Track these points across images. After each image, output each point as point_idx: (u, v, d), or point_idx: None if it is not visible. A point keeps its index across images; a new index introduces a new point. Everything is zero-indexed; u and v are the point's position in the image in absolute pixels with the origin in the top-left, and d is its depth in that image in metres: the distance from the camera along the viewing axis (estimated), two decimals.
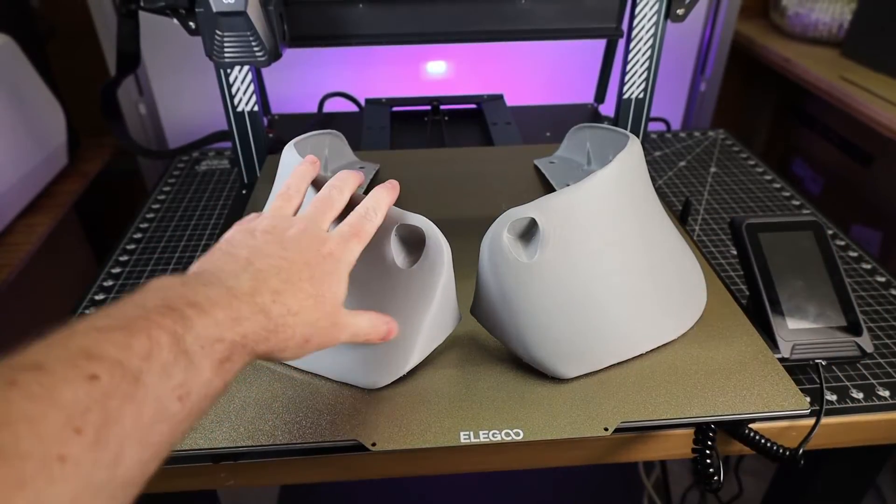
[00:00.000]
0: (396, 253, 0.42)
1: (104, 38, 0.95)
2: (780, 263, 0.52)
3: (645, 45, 0.62)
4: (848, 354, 0.49)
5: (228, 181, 0.86)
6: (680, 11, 0.60)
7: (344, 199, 0.40)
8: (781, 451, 0.45)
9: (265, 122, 0.76)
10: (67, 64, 1.01)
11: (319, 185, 0.41)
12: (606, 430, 0.40)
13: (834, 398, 0.51)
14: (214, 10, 0.50)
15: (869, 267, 0.67)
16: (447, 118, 0.90)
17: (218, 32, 0.52)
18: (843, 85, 0.97)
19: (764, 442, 0.45)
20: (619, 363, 0.45)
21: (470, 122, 0.89)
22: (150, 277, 0.66)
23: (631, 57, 0.63)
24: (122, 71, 0.66)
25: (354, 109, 0.95)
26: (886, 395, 0.51)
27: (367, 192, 0.63)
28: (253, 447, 0.39)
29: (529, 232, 0.42)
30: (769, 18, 1.21)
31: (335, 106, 0.94)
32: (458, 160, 0.71)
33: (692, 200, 0.78)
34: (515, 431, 0.40)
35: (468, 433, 0.39)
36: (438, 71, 1.04)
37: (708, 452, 0.44)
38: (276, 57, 0.55)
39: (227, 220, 0.64)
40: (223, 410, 0.41)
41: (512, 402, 0.42)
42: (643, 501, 1.05)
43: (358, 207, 0.39)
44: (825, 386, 0.50)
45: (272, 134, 0.78)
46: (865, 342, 0.49)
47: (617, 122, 0.68)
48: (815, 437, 0.45)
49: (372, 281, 0.41)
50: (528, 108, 0.94)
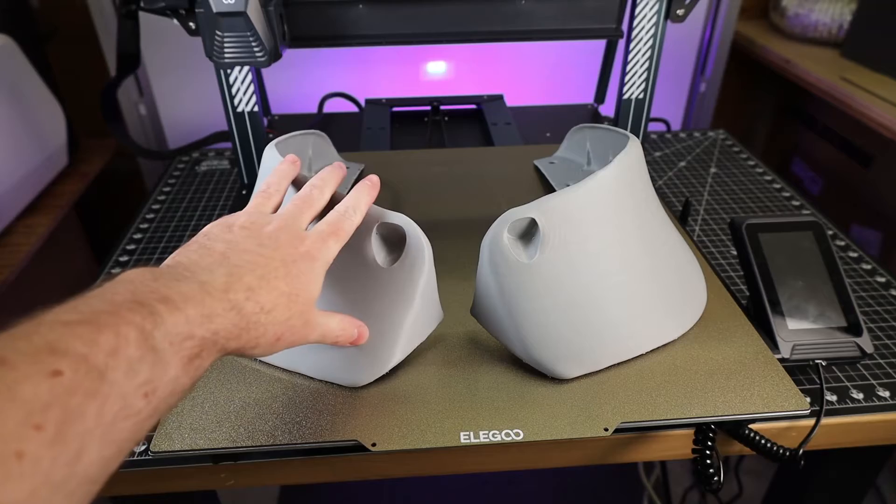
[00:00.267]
0: (377, 251, 0.42)
1: (104, 38, 0.95)
2: (780, 264, 0.52)
3: (645, 45, 0.62)
4: (848, 355, 0.49)
5: (228, 181, 0.86)
6: (680, 12, 0.60)
7: (324, 198, 0.40)
8: (781, 451, 0.45)
9: (265, 122, 0.76)
10: (67, 64, 1.01)
11: (301, 185, 0.41)
12: (606, 430, 0.40)
13: (834, 398, 0.51)
14: (214, 10, 0.50)
15: (869, 267, 0.67)
16: (447, 118, 0.90)
17: (218, 33, 0.52)
18: (843, 85, 0.97)
19: (764, 442, 0.45)
20: (619, 363, 0.45)
21: (470, 122, 0.89)
22: None
23: (631, 57, 0.63)
24: (122, 71, 0.66)
25: (354, 110, 0.95)
26: (886, 395, 0.51)
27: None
28: (253, 447, 0.39)
29: (529, 232, 0.42)
30: (769, 19, 1.21)
31: (335, 106, 0.94)
32: (458, 160, 0.72)
33: (692, 200, 0.78)
34: (515, 431, 0.40)
35: (468, 433, 0.40)
36: (438, 71, 1.04)
37: (708, 453, 0.44)
38: (276, 57, 0.55)
39: None
40: (223, 411, 0.41)
41: (512, 402, 0.42)
42: (643, 501, 1.05)
43: (338, 206, 0.39)
44: (825, 386, 0.50)
45: (272, 134, 0.77)
46: (865, 342, 0.49)
47: (617, 122, 0.68)
48: (815, 437, 0.45)
49: (353, 279, 0.41)
50: (528, 108, 0.94)
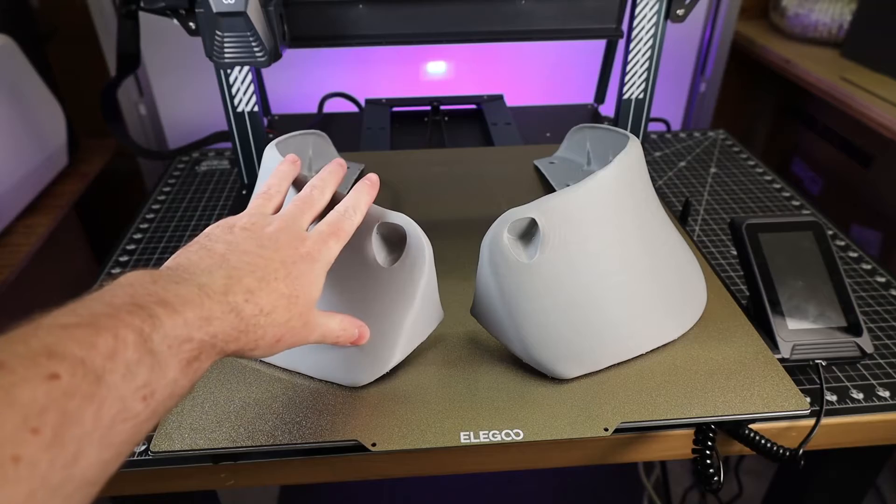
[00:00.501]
0: (378, 251, 0.42)
1: (104, 38, 0.95)
2: (780, 264, 0.52)
3: (645, 45, 0.62)
4: (848, 355, 0.49)
5: (228, 181, 0.86)
6: (680, 12, 0.60)
7: (325, 198, 0.39)
8: (781, 451, 0.45)
9: (265, 122, 0.76)
10: (67, 64, 1.01)
11: (302, 185, 0.41)
12: (606, 430, 0.40)
13: (834, 398, 0.51)
14: (214, 10, 0.50)
15: (869, 267, 0.67)
16: (447, 118, 0.90)
17: (218, 33, 0.52)
18: (843, 85, 0.97)
19: (764, 442, 0.45)
20: (619, 363, 0.45)
21: (470, 122, 0.89)
22: None
23: (631, 57, 0.63)
24: (122, 71, 0.66)
25: (354, 110, 0.95)
26: (886, 395, 0.51)
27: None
28: (253, 447, 0.39)
29: (529, 232, 0.42)
30: (769, 19, 1.21)
31: (335, 106, 0.94)
32: (458, 160, 0.72)
33: (692, 200, 0.78)
34: (515, 431, 0.40)
35: (468, 433, 0.40)
36: (438, 71, 1.04)
37: (708, 453, 0.44)
38: (276, 57, 0.55)
39: None
40: (223, 411, 0.41)
41: (512, 402, 0.42)
42: (643, 501, 1.05)
43: (338, 206, 0.39)
44: (825, 386, 0.50)
45: (272, 134, 0.77)
46: (865, 342, 0.49)
47: (617, 122, 0.68)
48: (815, 437, 0.45)
49: (353, 279, 0.41)
50: (528, 108, 0.94)
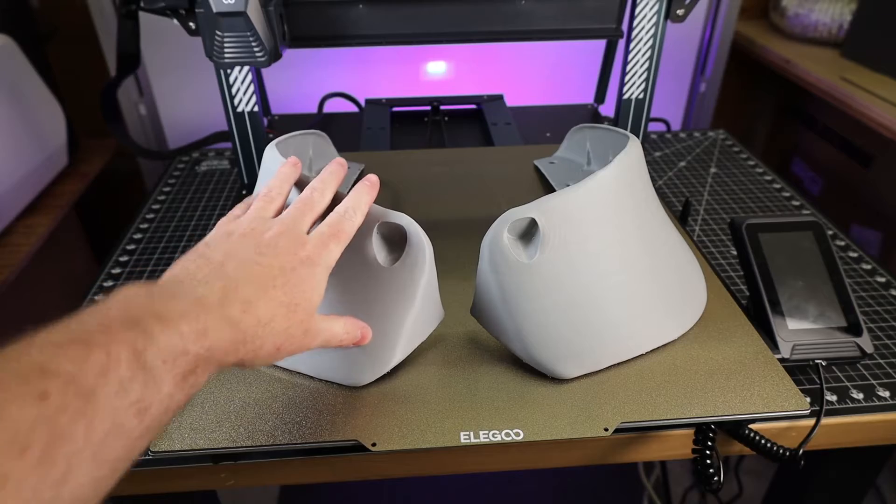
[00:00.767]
0: (378, 251, 0.41)
1: (104, 38, 0.95)
2: (780, 264, 0.52)
3: (645, 45, 0.62)
4: (848, 355, 0.49)
5: (228, 181, 0.86)
6: (680, 12, 0.60)
7: (325, 200, 0.39)
8: (781, 451, 0.45)
9: (265, 122, 0.76)
10: (67, 64, 1.01)
11: (303, 185, 0.41)
12: (606, 430, 0.40)
13: (834, 398, 0.51)
14: (214, 10, 0.50)
15: (869, 267, 0.67)
16: (447, 118, 0.90)
17: (218, 33, 0.52)
18: (843, 85, 0.97)
19: (764, 442, 0.45)
20: (619, 363, 0.45)
21: (470, 122, 0.89)
22: (150, 278, 0.66)
23: (631, 57, 0.63)
24: (122, 72, 0.66)
25: (354, 110, 0.95)
26: (886, 395, 0.51)
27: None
28: (253, 447, 0.39)
29: (529, 232, 0.42)
30: (769, 19, 1.21)
31: (335, 106, 0.94)
32: (458, 160, 0.72)
33: (692, 200, 0.78)
34: (515, 431, 0.40)
35: (468, 433, 0.40)
36: (438, 71, 1.04)
37: (708, 453, 0.44)
38: (276, 57, 0.55)
39: None
40: (223, 410, 0.41)
41: (512, 402, 0.42)
42: (643, 501, 1.05)
43: (338, 207, 0.38)
44: (825, 386, 0.50)
45: (272, 134, 0.77)
46: (865, 342, 0.49)
47: (617, 122, 0.68)
48: (815, 437, 0.45)
49: (354, 279, 0.41)
50: (528, 108, 0.94)
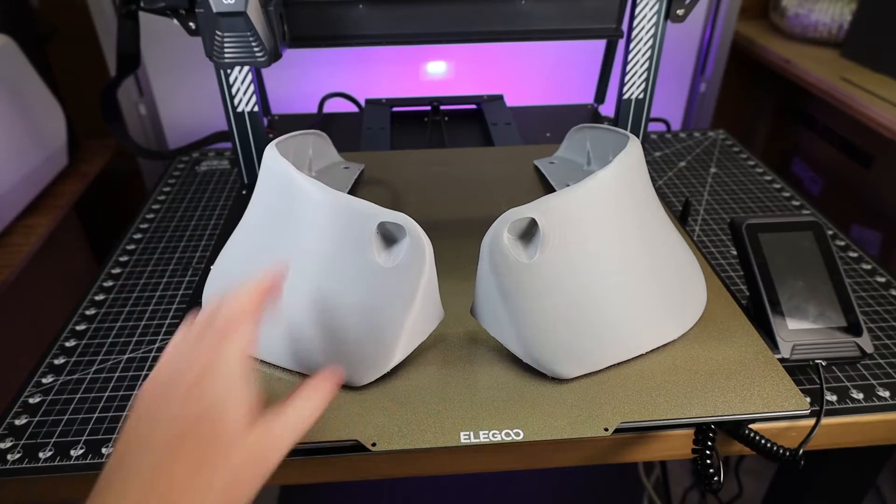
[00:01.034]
0: (378, 251, 0.41)
1: (104, 38, 0.95)
2: (780, 264, 0.52)
3: (645, 45, 0.62)
4: (848, 355, 0.49)
5: (228, 181, 0.86)
6: (680, 12, 0.60)
7: (245, 337, 0.32)
8: (781, 451, 0.45)
9: (265, 122, 0.76)
10: (67, 64, 1.01)
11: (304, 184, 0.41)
12: (606, 430, 0.40)
13: (834, 398, 0.51)
14: (214, 10, 0.50)
15: (869, 267, 0.67)
16: (447, 118, 0.90)
17: (218, 33, 0.52)
18: (843, 85, 0.97)
19: (764, 442, 0.45)
20: (619, 363, 0.45)
21: (470, 122, 0.89)
22: (150, 278, 0.66)
23: (631, 57, 0.63)
24: (122, 72, 0.66)
25: (354, 110, 0.95)
26: (886, 395, 0.51)
27: (352, 193, 0.63)
28: None
29: (529, 232, 0.42)
30: (769, 19, 1.21)
31: (335, 106, 0.94)
32: (458, 160, 0.72)
33: (692, 200, 0.78)
34: (515, 431, 0.40)
35: (468, 433, 0.39)
36: (438, 71, 1.04)
37: (708, 453, 0.44)
38: (276, 57, 0.55)
39: (226, 220, 0.64)
40: None
41: (512, 402, 0.42)
42: (643, 501, 1.05)
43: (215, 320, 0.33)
44: (825, 386, 0.50)
45: (272, 134, 0.77)
46: (865, 343, 0.49)
47: (617, 122, 0.68)
48: (815, 437, 0.45)
49: (353, 279, 0.41)
50: (528, 108, 0.94)
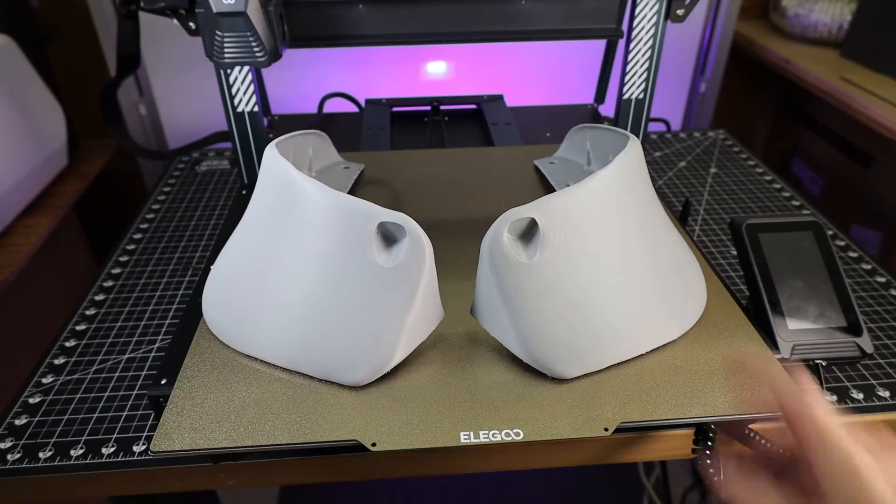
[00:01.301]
0: (378, 251, 0.41)
1: (104, 38, 0.95)
2: (780, 264, 0.52)
3: (645, 45, 0.62)
4: (848, 355, 0.49)
5: (228, 181, 0.86)
6: (680, 12, 0.60)
7: None
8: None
9: (265, 122, 0.76)
10: (67, 64, 1.01)
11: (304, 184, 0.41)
12: (606, 430, 0.40)
13: (834, 398, 0.51)
14: (214, 10, 0.50)
15: (869, 267, 0.67)
16: (447, 118, 0.90)
17: (218, 33, 0.52)
18: (843, 85, 0.97)
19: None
20: (619, 363, 0.45)
21: (470, 122, 0.89)
22: (150, 278, 0.66)
23: (631, 57, 0.63)
24: (122, 72, 0.66)
25: (354, 110, 0.95)
26: (886, 395, 0.51)
27: (352, 193, 0.63)
28: (253, 447, 0.39)
29: (529, 232, 0.42)
30: (769, 19, 1.21)
31: (335, 106, 0.94)
32: (458, 160, 0.71)
33: (692, 201, 0.78)
34: (515, 431, 0.40)
35: (468, 433, 0.39)
36: (438, 71, 1.04)
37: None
38: (276, 57, 0.55)
39: (226, 220, 0.64)
40: (223, 410, 0.41)
41: (512, 402, 0.42)
42: (643, 501, 1.05)
43: None
44: (825, 386, 0.50)
45: (272, 134, 0.77)
46: (865, 342, 0.49)
47: (617, 122, 0.68)
48: None
49: (353, 279, 0.41)
50: (528, 108, 0.94)
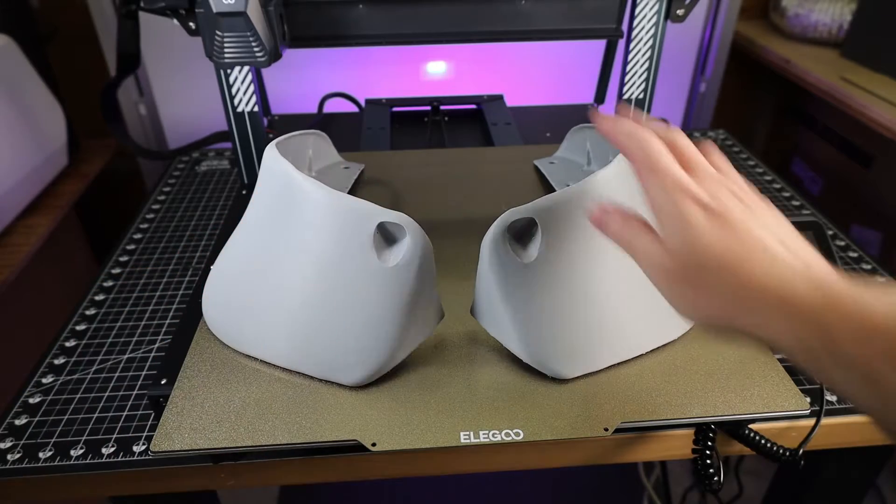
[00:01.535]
0: (379, 251, 0.41)
1: (104, 38, 0.95)
2: None
3: (645, 45, 0.62)
4: None
5: (228, 181, 0.86)
6: (680, 12, 0.60)
7: None
8: (781, 451, 0.45)
9: (265, 122, 0.76)
10: (67, 64, 1.01)
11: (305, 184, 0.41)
12: (606, 430, 0.40)
13: (834, 398, 0.51)
14: (214, 10, 0.50)
15: (869, 267, 0.67)
16: (447, 118, 0.90)
17: (218, 33, 0.52)
18: (843, 85, 0.97)
19: (764, 442, 0.45)
20: (619, 363, 0.45)
21: (470, 122, 0.89)
22: (150, 278, 0.66)
23: (631, 57, 0.63)
24: (122, 72, 0.66)
25: (354, 110, 0.95)
26: None
27: (352, 193, 0.63)
28: (253, 447, 0.39)
29: (530, 232, 0.42)
30: (769, 19, 1.21)
31: (335, 106, 0.94)
32: (458, 161, 0.72)
33: None
34: (515, 431, 0.40)
35: (468, 433, 0.40)
36: (438, 71, 1.04)
37: (708, 453, 0.44)
38: (276, 57, 0.55)
39: (226, 220, 0.64)
40: (223, 411, 0.41)
41: (512, 402, 0.42)
42: (643, 501, 1.05)
43: None
44: (825, 386, 0.50)
45: (272, 134, 0.77)
46: None
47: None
48: (815, 437, 0.45)
49: (353, 279, 0.41)
50: (528, 108, 0.94)
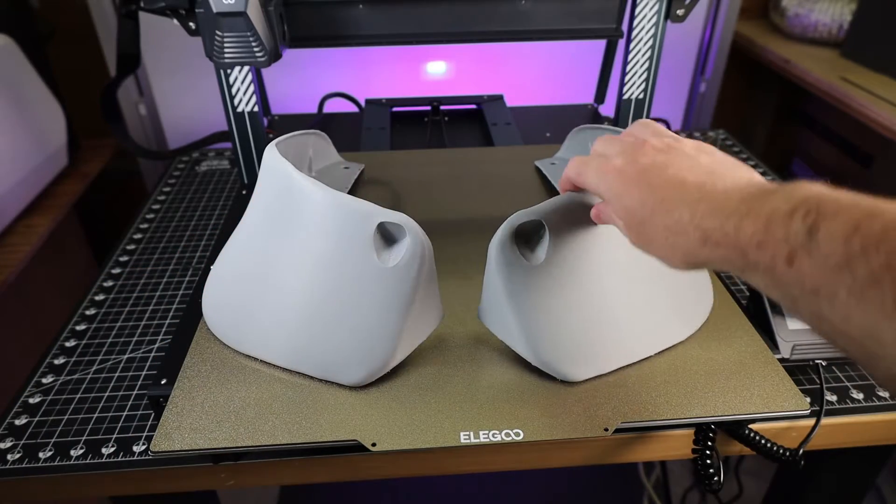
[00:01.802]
0: (379, 251, 0.41)
1: (104, 38, 0.95)
2: None
3: (645, 45, 0.62)
4: None
5: (228, 181, 0.86)
6: (680, 12, 0.60)
7: None
8: (781, 451, 0.45)
9: (265, 122, 0.76)
10: (67, 64, 1.01)
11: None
12: (606, 430, 0.40)
13: (834, 398, 0.51)
14: (214, 10, 0.50)
15: None
16: (447, 119, 0.90)
17: (218, 33, 0.52)
18: (843, 85, 0.97)
19: (764, 442, 0.45)
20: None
21: (470, 122, 0.89)
22: (150, 278, 0.66)
23: (631, 57, 0.63)
24: (122, 72, 0.66)
25: (354, 110, 0.95)
26: (886, 395, 0.51)
27: (352, 193, 0.63)
28: (253, 447, 0.39)
29: (537, 234, 0.42)
30: (769, 19, 1.21)
31: (335, 106, 0.94)
32: (458, 161, 0.71)
33: None
34: (515, 431, 0.40)
35: (468, 433, 0.40)
36: (438, 71, 1.04)
37: (708, 453, 0.44)
38: (276, 57, 0.55)
39: (226, 220, 0.64)
40: (223, 410, 0.41)
41: (512, 402, 0.42)
42: (643, 501, 1.05)
43: None
44: (825, 386, 0.50)
45: (272, 134, 0.78)
46: None
47: (617, 122, 0.68)
48: (815, 437, 0.45)
49: (353, 279, 0.41)
50: (528, 108, 0.94)
